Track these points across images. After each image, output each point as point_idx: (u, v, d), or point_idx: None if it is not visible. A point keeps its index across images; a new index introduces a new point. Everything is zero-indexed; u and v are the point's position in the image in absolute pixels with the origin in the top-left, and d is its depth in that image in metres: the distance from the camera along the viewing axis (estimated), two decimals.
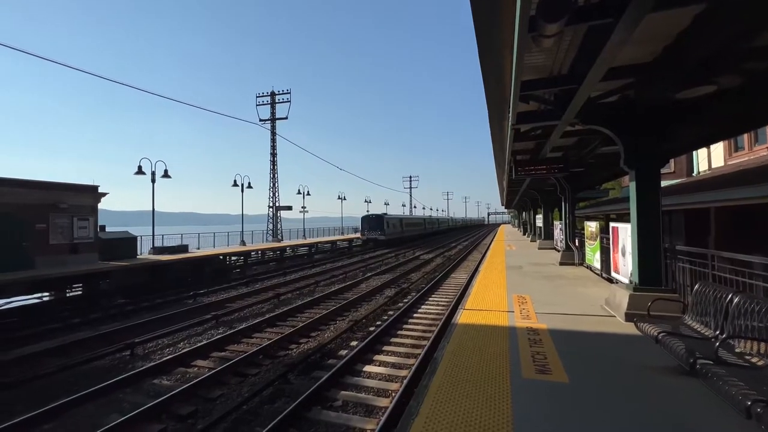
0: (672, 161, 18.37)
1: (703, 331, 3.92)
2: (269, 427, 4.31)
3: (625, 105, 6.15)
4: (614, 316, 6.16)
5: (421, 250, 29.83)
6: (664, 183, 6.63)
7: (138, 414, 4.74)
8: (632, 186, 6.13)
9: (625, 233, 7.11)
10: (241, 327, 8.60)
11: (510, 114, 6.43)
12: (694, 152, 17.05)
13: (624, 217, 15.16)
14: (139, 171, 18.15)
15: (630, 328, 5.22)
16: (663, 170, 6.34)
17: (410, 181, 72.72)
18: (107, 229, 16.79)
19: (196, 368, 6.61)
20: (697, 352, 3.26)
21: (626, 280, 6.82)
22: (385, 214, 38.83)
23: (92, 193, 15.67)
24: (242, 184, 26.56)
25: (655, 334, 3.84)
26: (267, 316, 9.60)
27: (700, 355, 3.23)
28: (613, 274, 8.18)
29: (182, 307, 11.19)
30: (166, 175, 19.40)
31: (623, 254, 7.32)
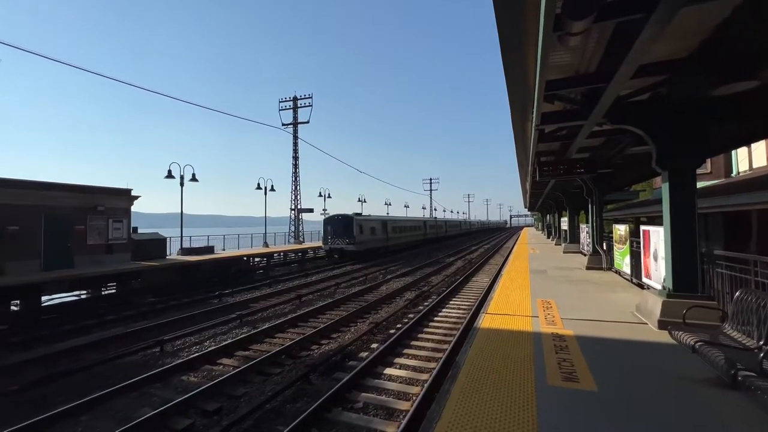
0: (708, 161, 17.44)
1: (745, 342, 3.69)
2: (291, 426, 4.37)
3: (657, 103, 5.91)
4: (646, 324, 5.89)
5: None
6: (699, 184, 6.30)
7: (167, 408, 4.92)
8: (665, 187, 5.86)
9: (657, 236, 6.80)
10: (264, 327, 8.78)
11: (534, 114, 6.30)
12: (733, 151, 16.14)
13: (656, 220, 14.51)
14: (169, 175, 18.93)
15: (663, 336, 4.98)
16: (699, 170, 6.03)
17: (430, 183, 72.26)
18: (139, 231, 17.58)
19: (221, 366, 6.80)
20: (738, 364, 3.07)
21: (659, 286, 6.52)
22: (358, 214, 26.81)
23: (126, 196, 16.46)
24: (265, 187, 27.19)
25: (692, 343, 3.64)
26: (289, 316, 9.76)
27: (742, 366, 3.04)
28: (645, 279, 7.84)
29: (208, 306, 11.54)
30: (193, 178, 20.13)
31: (655, 259, 7.00)
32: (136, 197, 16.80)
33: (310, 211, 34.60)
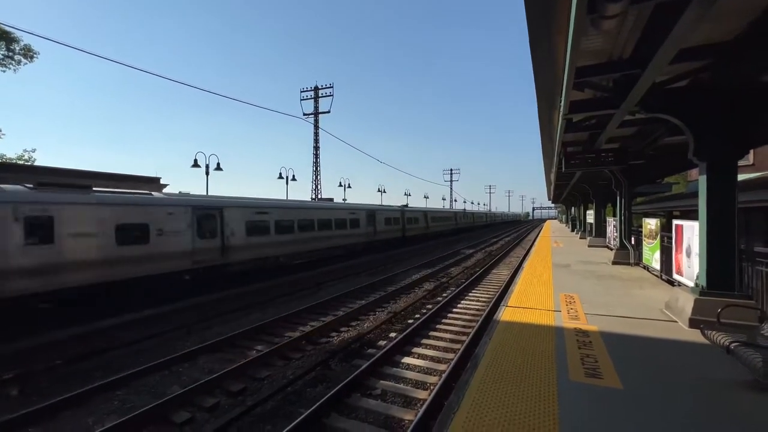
0: (752, 152, 16.37)
1: None
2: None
3: (698, 90, 5.56)
4: (676, 322, 5.67)
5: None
6: (741, 176, 5.92)
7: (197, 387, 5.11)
8: (702, 180, 5.55)
9: (691, 232, 6.47)
10: (285, 313, 9.04)
11: (562, 103, 6.06)
12: None
13: (689, 215, 13.82)
14: (195, 164, 19.47)
15: (695, 336, 4.78)
16: (740, 162, 5.67)
17: (450, 173, 71.21)
18: None
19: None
20: None
21: (691, 283, 6.23)
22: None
23: (156, 184, 17.13)
24: (287, 177, 27.59)
25: (727, 343, 3.48)
26: (311, 303, 9.98)
27: None
28: (675, 276, 7.50)
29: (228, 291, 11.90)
30: (218, 167, 20.64)
31: (688, 255, 6.67)
32: (165, 185, 17.44)
33: (331, 200, 34.93)
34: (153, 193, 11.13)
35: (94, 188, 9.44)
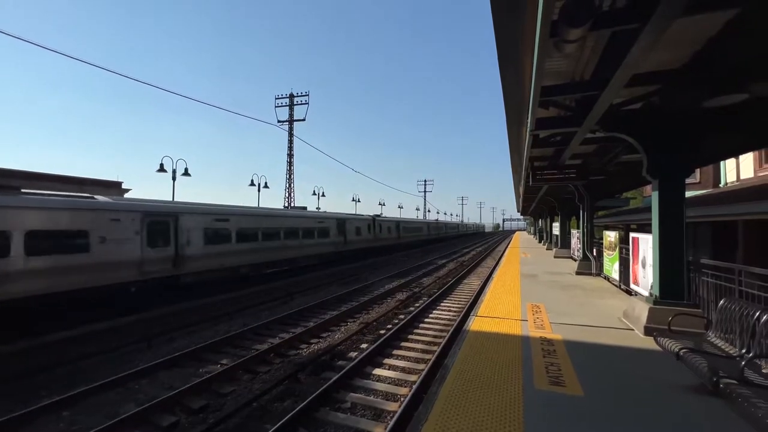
0: (698, 171, 17.73)
1: (727, 350, 3.76)
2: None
3: (650, 112, 5.98)
4: (633, 330, 5.97)
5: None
6: (688, 193, 6.40)
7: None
8: (655, 196, 5.95)
9: (646, 244, 6.89)
10: (254, 325, 8.73)
11: (529, 119, 6.34)
12: (722, 162, 16.43)
13: (645, 228, 14.71)
14: (161, 169, 18.66)
15: (649, 343, 5.05)
16: (688, 180, 6.13)
17: (425, 184, 72.37)
18: None
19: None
20: (721, 371, 3.12)
21: (646, 293, 6.61)
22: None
23: (117, 189, 16.24)
24: (259, 184, 26.98)
25: (677, 350, 3.70)
26: (281, 314, 9.70)
27: (725, 374, 3.09)
28: (633, 286, 7.94)
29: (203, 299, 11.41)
30: (186, 173, 19.88)
31: (643, 266, 7.09)
32: (127, 190, 16.58)
33: (304, 209, 34.43)
34: (97, 197, 9.99)
35: (23, 190, 8.47)
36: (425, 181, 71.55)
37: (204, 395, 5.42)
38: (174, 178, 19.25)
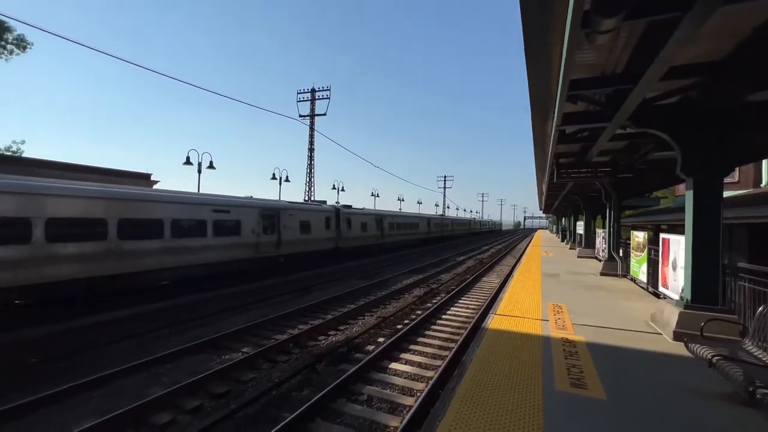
0: (737, 170, 16.79)
1: (765, 359, 3.55)
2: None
3: (686, 107, 5.68)
4: (660, 334, 5.74)
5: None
6: (726, 193, 6.07)
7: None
8: (689, 195, 5.66)
9: (677, 246, 6.59)
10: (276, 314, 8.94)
11: (555, 115, 6.15)
12: (764, 161, 15.48)
13: (677, 229, 14.07)
14: (187, 161, 19.26)
15: (678, 348, 4.84)
16: (726, 179, 5.81)
17: (444, 180, 71.61)
18: None
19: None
20: (757, 381, 2.96)
21: (676, 296, 6.33)
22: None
23: (146, 181, 16.89)
24: (280, 178, 27.45)
25: (709, 357, 3.53)
26: (300, 306, 9.89)
27: (762, 384, 2.93)
28: (661, 288, 7.62)
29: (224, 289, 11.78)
30: (211, 166, 20.43)
31: (674, 268, 6.79)
32: (156, 182, 17.21)
33: (324, 203, 34.82)
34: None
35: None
36: (444, 177, 70.88)
37: (226, 381, 5.59)
38: (200, 171, 19.82)
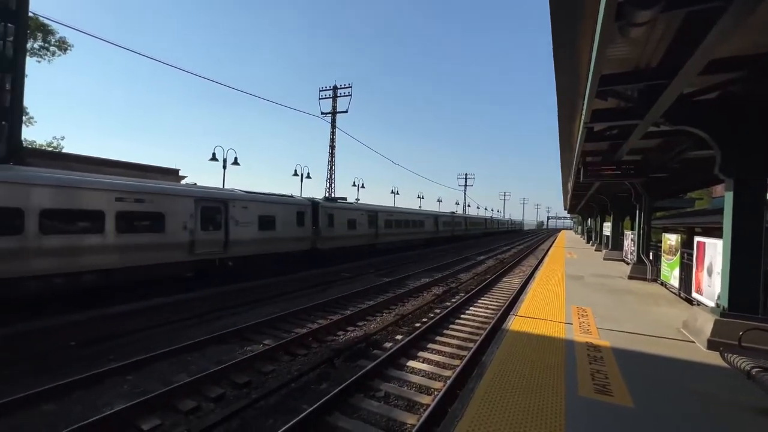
0: None
1: None
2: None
3: (728, 103, 5.36)
4: (693, 342, 5.47)
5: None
6: None
7: None
8: (728, 197, 5.34)
9: (713, 250, 6.25)
10: (294, 309, 9.11)
11: (583, 111, 5.94)
12: None
13: (713, 232, 13.35)
14: (213, 158, 19.84)
15: (713, 358, 4.61)
16: None
17: (465, 178, 70.71)
18: None
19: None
20: None
21: (711, 303, 6.00)
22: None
23: (175, 176, 17.51)
24: (302, 174, 27.85)
25: (749, 368, 3.33)
26: (320, 300, 10.04)
27: None
28: (695, 294, 7.25)
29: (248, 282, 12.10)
30: (235, 162, 20.98)
31: (709, 273, 6.44)
32: (183, 177, 17.83)
33: (344, 199, 35.11)
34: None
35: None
36: (465, 175, 69.97)
37: (247, 372, 5.74)
38: (224, 167, 20.38)
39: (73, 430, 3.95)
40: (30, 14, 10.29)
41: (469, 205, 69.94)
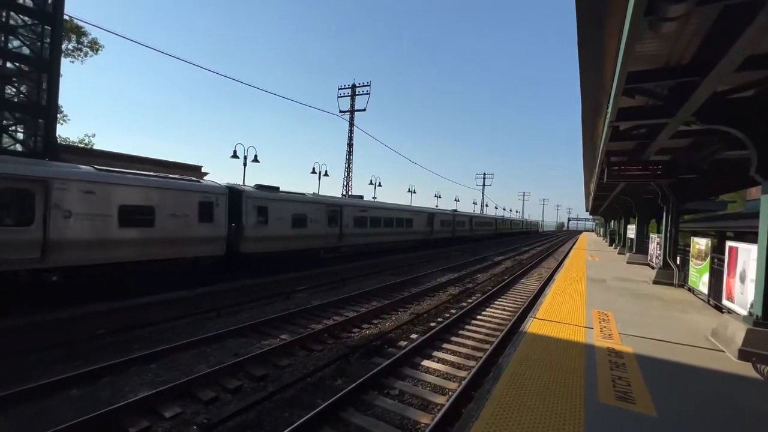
0: None
1: None
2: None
3: (765, 101, 5.08)
4: (723, 351, 5.22)
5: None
6: None
7: None
8: (765, 200, 5.08)
9: (747, 255, 5.94)
10: (315, 304, 9.22)
11: (609, 110, 5.76)
12: None
13: (746, 237, 12.70)
14: (234, 155, 20.28)
15: (744, 368, 4.40)
16: None
17: (483, 178, 69.74)
18: None
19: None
20: None
21: (744, 312, 5.72)
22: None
23: (197, 172, 18.02)
24: (319, 172, 28.13)
25: None
26: (333, 298, 10.13)
27: None
28: (725, 301, 6.92)
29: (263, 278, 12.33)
30: (255, 159, 21.39)
31: (742, 280, 6.13)
32: (205, 174, 18.32)
33: (361, 197, 35.24)
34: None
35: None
36: (484, 174, 69.02)
37: (264, 365, 5.86)
38: (245, 164, 20.80)
39: (101, 413, 4.14)
40: (65, 17, 10.77)
41: (487, 205, 68.96)
